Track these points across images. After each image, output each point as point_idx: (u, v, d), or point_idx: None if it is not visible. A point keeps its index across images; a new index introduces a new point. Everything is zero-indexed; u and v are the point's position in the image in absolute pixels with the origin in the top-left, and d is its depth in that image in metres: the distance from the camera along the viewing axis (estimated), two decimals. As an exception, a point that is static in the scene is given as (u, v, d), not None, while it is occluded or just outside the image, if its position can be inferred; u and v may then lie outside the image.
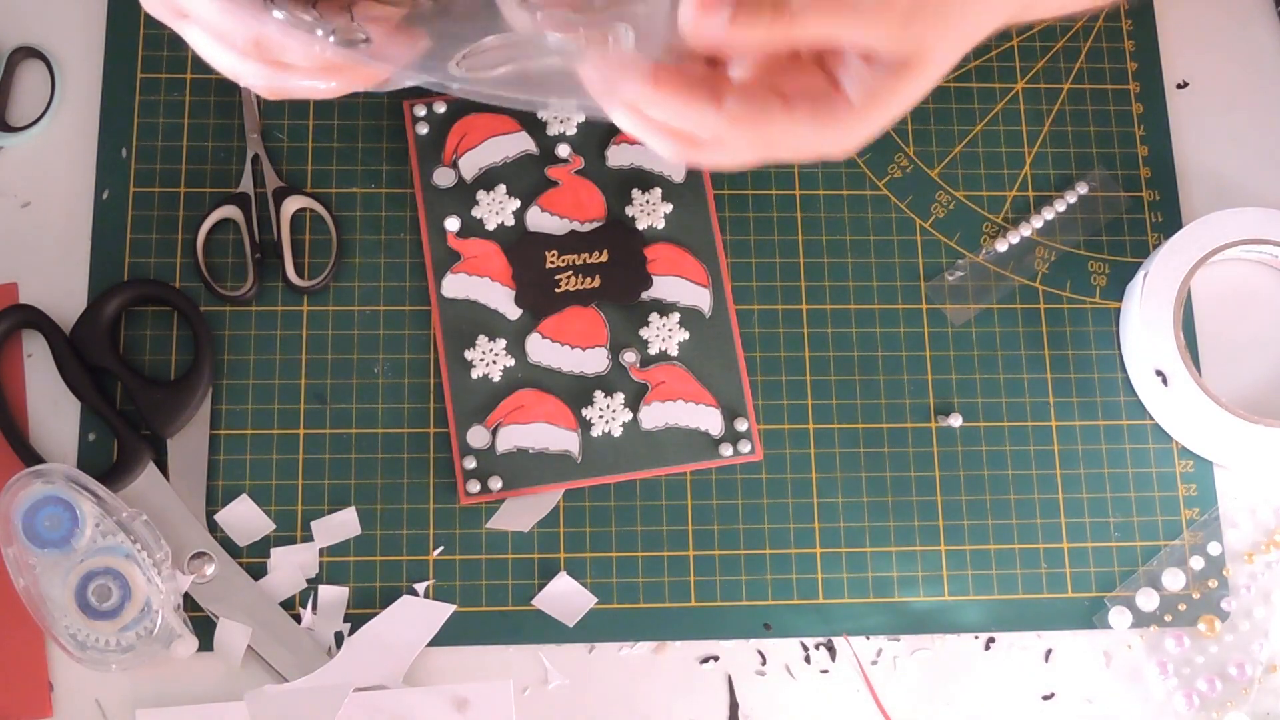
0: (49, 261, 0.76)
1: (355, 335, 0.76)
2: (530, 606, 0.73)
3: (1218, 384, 0.77)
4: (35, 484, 0.70)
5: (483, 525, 0.74)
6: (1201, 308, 0.80)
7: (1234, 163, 0.83)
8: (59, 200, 0.78)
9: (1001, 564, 0.75)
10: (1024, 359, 0.79)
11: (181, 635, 0.70)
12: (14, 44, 0.79)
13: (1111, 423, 0.78)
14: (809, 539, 0.75)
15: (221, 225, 0.77)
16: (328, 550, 0.73)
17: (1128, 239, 0.81)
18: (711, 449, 0.76)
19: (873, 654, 0.74)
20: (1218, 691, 0.74)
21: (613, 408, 0.75)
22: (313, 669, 0.70)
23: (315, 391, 0.76)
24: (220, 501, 0.73)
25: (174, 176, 0.78)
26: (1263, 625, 0.75)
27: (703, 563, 0.74)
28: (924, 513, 0.76)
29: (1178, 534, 0.76)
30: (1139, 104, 0.83)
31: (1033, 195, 0.81)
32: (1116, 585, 0.75)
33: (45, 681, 0.71)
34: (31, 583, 0.69)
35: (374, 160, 0.79)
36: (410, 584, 0.73)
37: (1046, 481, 0.77)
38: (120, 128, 0.79)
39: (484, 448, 0.75)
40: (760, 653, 0.74)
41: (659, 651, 0.73)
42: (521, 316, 0.77)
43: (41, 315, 0.74)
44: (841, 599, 0.74)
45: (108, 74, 0.79)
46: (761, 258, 0.79)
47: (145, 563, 0.69)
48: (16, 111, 0.79)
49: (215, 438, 0.74)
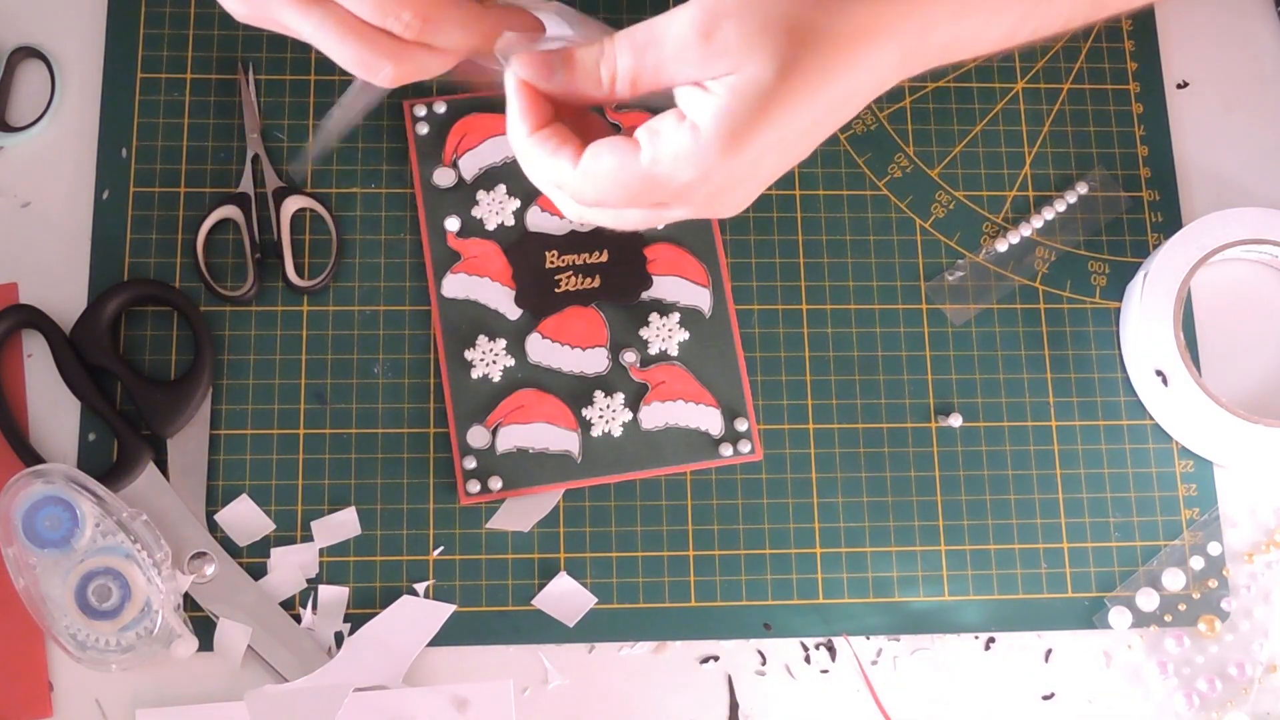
0: (49, 261, 0.76)
1: (355, 335, 0.76)
2: (530, 606, 0.73)
3: (1218, 384, 0.77)
4: (35, 484, 0.70)
5: (483, 525, 0.74)
6: (1201, 308, 0.80)
7: (1234, 163, 0.83)
8: (59, 200, 0.78)
9: (1001, 564, 0.75)
10: (1024, 359, 0.79)
11: (181, 635, 0.70)
12: (14, 44, 0.79)
13: (1111, 423, 0.78)
14: (809, 539, 0.75)
15: (221, 225, 0.77)
16: (328, 550, 0.73)
17: (1128, 239, 0.81)
18: (711, 449, 0.76)
19: (873, 654, 0.74)
20: (1218, 691, 0.74)
21: (613, 408, 0.75)
22: (313, 669, 0.70)
23: (315, 391, 0.76)
24: (220, 501, 0.73)
25: (174, 176, 0.78)
26: (1263, 625, 0.75)
27: (703, 563, 0.74)
28: (924, 513, 0.76)
29: (1178, 534, 0.76)
30: (1139, 104, 0.83)
31: (1033, 195, 0.81)
32: (1116, 585, 0.75)
33: (45, 681, 0.71)
34: (31, 583, 0.69)
35: (374, 160, 0.79)
36: (410, 584, 0.73)
37: (1046, 481, 0.77)
38: (120, 128, 0.79)
39: (484, 448, 0.75)
40: (760, 653, 0.74)
41: (659, 651, 0.73)
42: (521, 316, 0.77)
43: (41, 315, 0.74)
44: (841, 599, 0.74)
45: (108, 74, 0.79)
46: (761, 258, 0.79)
47: (145, 563, 0.69)
48: (16, 111, 0.79)
49: (215, 438, 0.74)
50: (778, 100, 0.51)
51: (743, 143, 0.52)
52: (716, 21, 0.51)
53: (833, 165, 0.81)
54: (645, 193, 0.53)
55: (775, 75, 0.50)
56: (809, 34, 0.50)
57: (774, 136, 0.52)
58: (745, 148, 0.52)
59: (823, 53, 0.51)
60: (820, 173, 0.81)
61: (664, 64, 0.52)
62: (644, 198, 0.54)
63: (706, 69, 0.51)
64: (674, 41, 0.52)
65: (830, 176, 0.81)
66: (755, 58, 0.50)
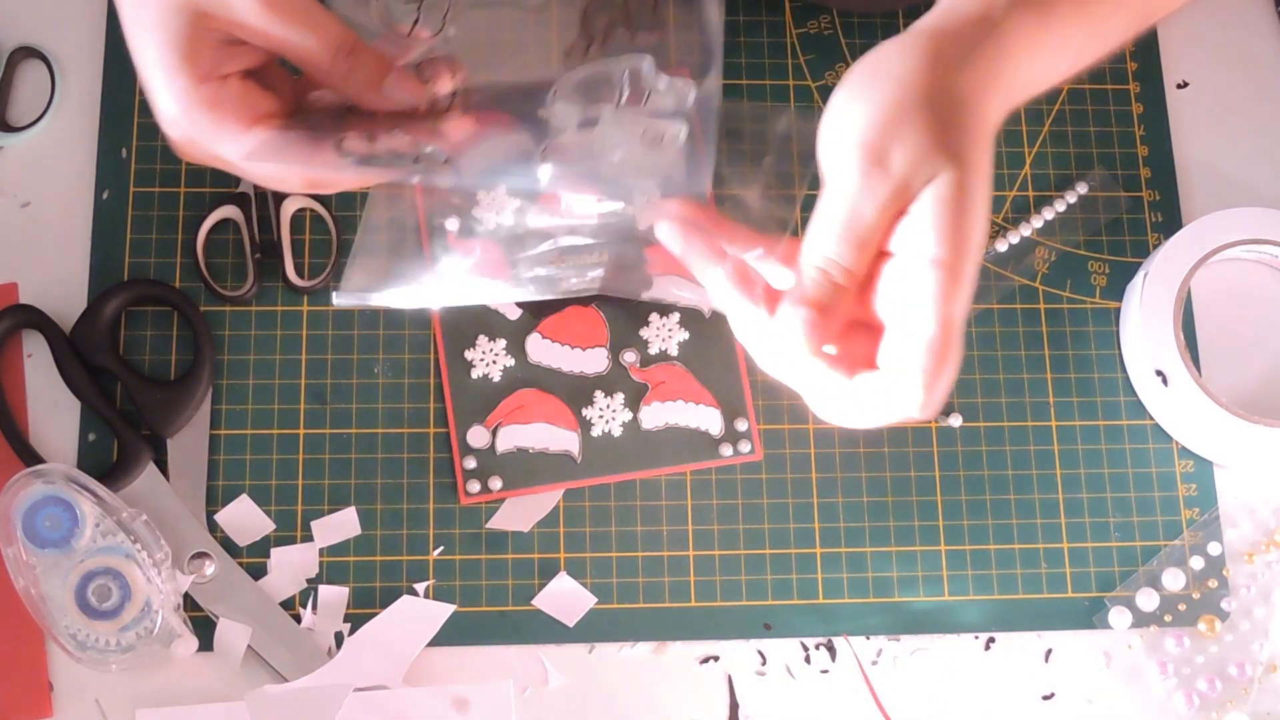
0: (49, 261, 0.76)
1: (355, 335, 0.76)
2: (530, 606, 0.73)
3: (1218, 384, 0.77)
4: (35, 484, 0.70)
5: (483, 525, 0.74)
6: (1201, 308, 0.80)
7: (1234, 163, 0.83)
8: (59, 200, 0.78)
9: (1001, 564, 0.75)
10: (1024, 359, 0.79)
11: (181, 635, 0.70)
12: (14, 44, 0.79)
13: (1111, 423, 0.78)
14: (809, 539, 0.75)
15: (221, 225, 0.77)
16: (328, 550, 0.73)
17: (1128, 239, 0.81)
18: (711, 449, 0.76)
19: (873, 654, 0.74)
20: (1218, 691, 0.74)
21: (613, 408, 0.75)
22: (313, 669, 0.70)
23: (315, 391, 0.75)
24: (220, 501, 0.73)
25: (174, 176, 0.78)
26: (1263, 625, 0.75)
27: (703, 563, 0.74)
28: (924, 513, 0.76)
29: (1178, 534, 0.76)
30: (1139, 104, 0.83)
31: (1033, 195, 0.81)
32: (1116, 585, 0.75)
33: (45, 681, 0.71)
34: (31, 583, 0.69)
35: (374, 160, 0.79)
36: (410, 584, 0.73)
37: (1046, 481, 0.77)
38: (120, 128, 0.79)
39: (484, 448, 0.75)
40: (760, 653, 0.74)
41: (659, 651, 0.73)
42: (521, 316, 0.77)
43: (41, 315, 0.74)
44: (841, 599, 0.74)
45: (108, 74, 0.79)
46: (761, 258, 0.79)
47: (145, 563, 0.69)
48: (16, 111, 0.79)
49: (215, 438, 0.74)
50: (971, 187, 0.53)
51: (970, 239, 0.53)
52: (883, 155, 0.53)
53: (833, 165, 0.81)
54: (956, 347, 0.54)
55: (955, 167, 0.53)
56: (952, 119, 0.53)
57: (981, 216, 0.54)
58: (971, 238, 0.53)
59: (969, 130, 0.53)
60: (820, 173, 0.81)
61: (865, 226, 0.53)
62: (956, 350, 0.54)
63: (897, 198, 0.53)
64: (865, 206, 0.53)
65: (830, 176, 0.81)
66: (934, 163, 0.52)
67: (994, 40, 0.54)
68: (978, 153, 0.53)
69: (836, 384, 0.54)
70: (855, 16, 0.83)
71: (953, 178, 0.52)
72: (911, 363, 0.53)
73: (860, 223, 0.53)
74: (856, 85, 0.54)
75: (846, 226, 0.53)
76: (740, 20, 0.83)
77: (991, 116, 0.55)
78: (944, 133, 0.53)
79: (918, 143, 0.52)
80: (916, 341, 0.52)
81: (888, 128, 0.53)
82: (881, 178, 0.52)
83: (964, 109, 0.53)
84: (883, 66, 0.54)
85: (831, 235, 0.54)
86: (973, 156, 0.53)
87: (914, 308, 0.53)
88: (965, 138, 0.53)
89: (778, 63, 0.83)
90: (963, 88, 0.53)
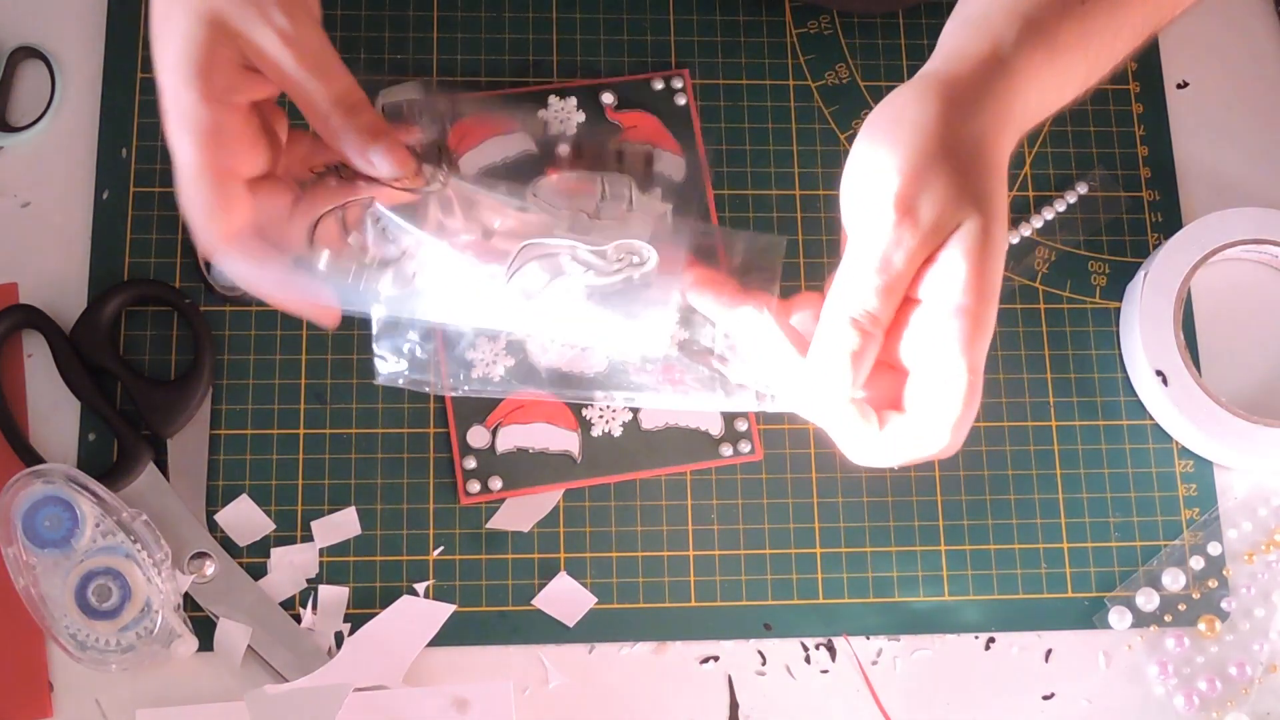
0: (49, 261, 0.76)
1: (355, 335, 0.76)
2: (530, 606, 0.73)
3: (1218, 384, 0.77)
4: (35, 484, 0.70)
5: (483, 525, 0.74)
6: (1201, 308, 0.80)
7: (1234, 163, 0.83)
8: (59, 200, 0.78)
9: (1001, 564, 0.75)
10: (1024, 359, 0.79)
11: (181, 635, 0.70)
12: (14, 44, 0.79)
13: (1111, 423, 0.78)
14: (809, 539, 0.75)
15: (221, 225, 0.77)
16: (328, 550, 0.73)
17: (1128, 239, 0.81)
18: (711, 449, 0.76)
19: (873, 654, 0.74)
20: (1218, 691, 0.74)
21: (613, 408, 0.75)
22: (313, 669, 0.70)
23: (315, 391, 0.75)
24: (220, 501, 0.73)
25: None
26: (1263, 625, 0.75)
27: (703, 563, 0.74)
28: (924, 513, 0.76)
29: (1178, 534, 0.76)
30: (1139, 104, 0.83)
31: (1033, 195, 0.81)
32: (1116, 585, 0.75)
33: (45, 681, 0.71)
34: (31, 583, 0.69)
35: (374, 160, 0.79)
36: (410, 584, 0.73)
37: (1046, 481, 0.77)
38: (120, 128, 0.79)
39: (484, 448, 0.75)
40: (760, 653, 0.74)
41: (659, 651, 0.73)
42: (521, 316, 0.77)
43: (41, 315, 0.74)
44: (841, 599, 0.74)
45: (108, 74, 0.79)
46: (761, 258, 0.79)
47: (145, 563, 0.69)
48: (16, 111, 0.79)
49: (215, 438, 0.74)
50: (994, 232, 0.54)
51: (994, 284, 0.54)
52: (911, 205, 0.53)
53: (834, 165, 0.81)
54: (980, 391, 0.54)
55: (980, 214, 0.53)
56: (973, 165, 0.54)
57: (1002, 258, 0.55)
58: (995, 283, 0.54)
59: (988, 174, 0.54)
60: (820, 173, 0.81)
61: (895, 275, 0.54)
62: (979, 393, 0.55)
63: (926, 247, 0.53)
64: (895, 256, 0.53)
65: (831, 176, 0.80)
66: (960, 211, 0.53)
67: (1005, 80, 0.55)
68: (998, 196, 0.54)
69: (867, 430, 0.55)
70: (855, 17, 0.83)
71: (978, 224, 0.53)
72: (940, 408, 0.54)
73: (890, 272, 0.54)
74: (878, 135, 0.55)
75: (877, 276, 0.54)
76: (740, 20, 0.83)
77: (1005, 153, 0.55)
78: (966, 179, 0.53)
79: (944, 192, 0.53)
80: (945, 388, 0.53)
81: (914, 178, 0.53)
82: (910, 227, 0.53)
83: (982, 152, 0.54)
84: (903, 114, 0.55)
85: (861, 285, 0.54)
86: (994, 201, 0.54)
87: (941, 355, 0.53)
88: (986, 183, 0.54)
89: (778, 63, 0.83)
90: (980, 131, 0.54)
